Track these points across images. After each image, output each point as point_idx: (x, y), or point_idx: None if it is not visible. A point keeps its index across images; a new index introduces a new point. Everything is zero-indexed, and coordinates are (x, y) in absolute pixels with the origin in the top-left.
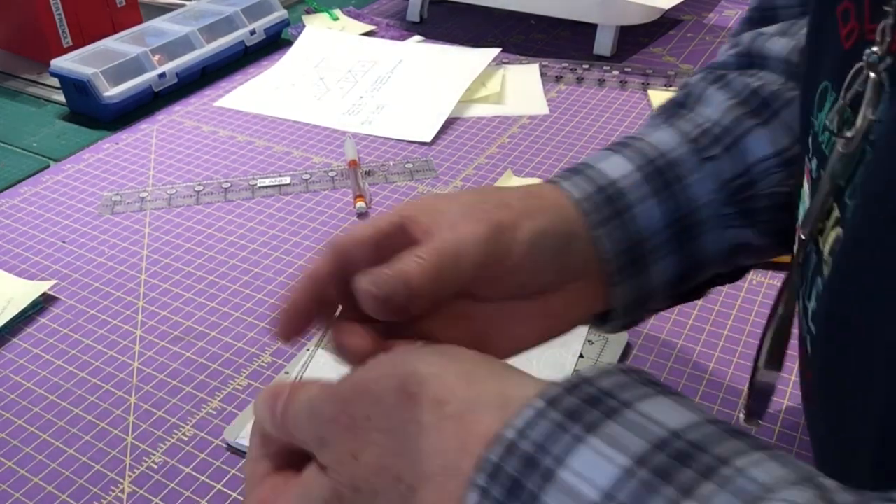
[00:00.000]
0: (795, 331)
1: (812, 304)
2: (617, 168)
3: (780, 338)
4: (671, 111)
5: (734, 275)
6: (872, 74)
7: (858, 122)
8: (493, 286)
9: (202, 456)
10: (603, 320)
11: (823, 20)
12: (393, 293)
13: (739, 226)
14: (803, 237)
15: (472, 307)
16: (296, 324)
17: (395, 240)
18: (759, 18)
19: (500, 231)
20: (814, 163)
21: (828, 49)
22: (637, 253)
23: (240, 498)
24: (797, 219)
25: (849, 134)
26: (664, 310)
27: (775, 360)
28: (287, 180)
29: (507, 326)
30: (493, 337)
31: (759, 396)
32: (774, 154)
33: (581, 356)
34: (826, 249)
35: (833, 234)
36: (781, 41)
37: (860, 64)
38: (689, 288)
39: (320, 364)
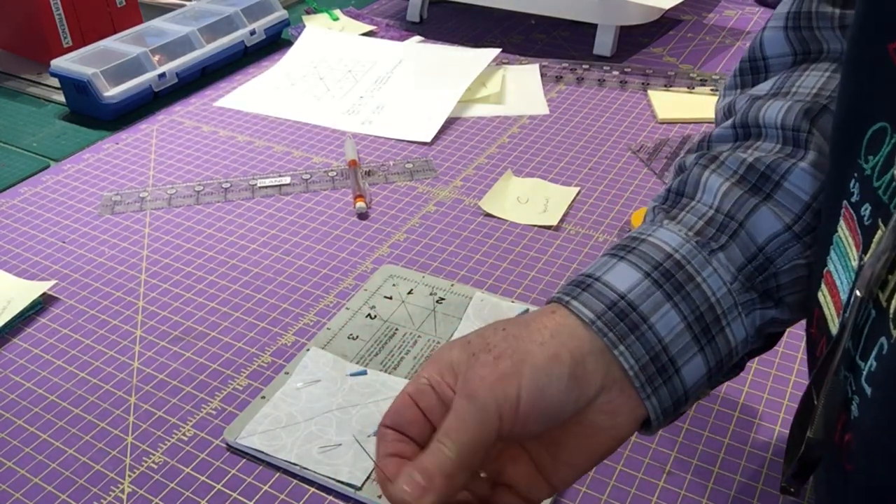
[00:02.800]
0: (796, 336)
1: (870, 364)
2: (624, 279)
3: (834, 402)
4: (672, 202)
5: (768, 345)
6: None
7: None
8: (523, 432)
9: (202, 456)
10: (647, 426)
11: (871, 60)
12: (435, 496)
13: (763, 307)
14: (860, 294)
15: (518, 446)
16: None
17: (428, 399)
18: (749, 69)
19: (504, 392)
20: (866, 209)
21: (882, 89)
22: (661, 362)
23: (240, 498)
24: (833, 272)
25: None
26: (705, 397)
27: (829, 427)
28: (287, 180)
29: (557, 453)
30: (549, 464)
31: (807, 465)
32: (785, 228)
33: None
34: (894, 306)
35: None
36: (776, 105)
37: None
38: (722, 375)
39: (320, 364)
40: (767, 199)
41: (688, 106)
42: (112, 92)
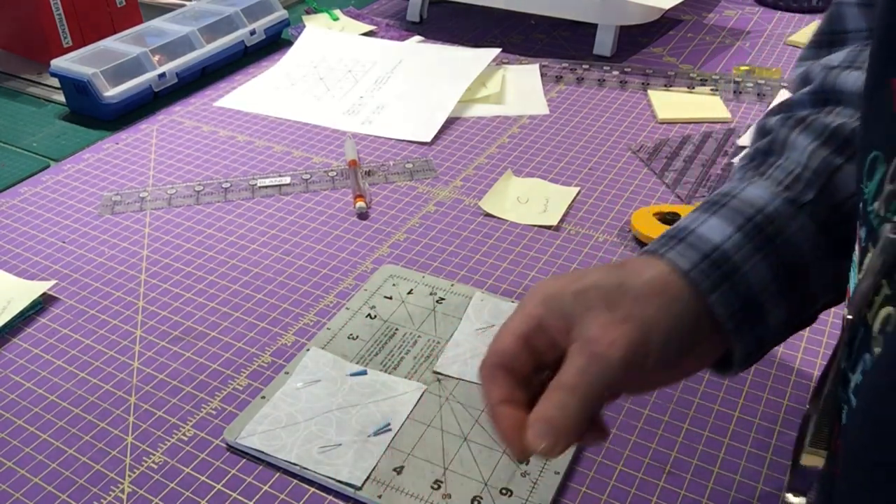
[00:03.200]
0: (795, 336)
1: (857, 377)
2: (717, 231)
3: (828, 418)
4: (759, 161)
5: (838, 299)
6: None
7: None
8: (636, 387)
9: (202, 456)
10: (723, 367)
11: (876, 89)
12: (562, 442)
13: (837, 257)
14: (850, 317)
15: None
16: (511, 419)
17: (539, 340)
18: (827, 42)
19: (634, 359)
20: (863, 231)
21: (881, 118)
22: (750, 310)
23: (240, 498)
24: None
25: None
26: (780, 343)
27: (823, 439)
28: (287, 180)
29: (647, 382)
30: (638, 390)
31: (805, 475)
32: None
33: None
34: (876, 327)
35: (884, 313)
36: (853, 75)
37: None
38: (801, 322)
39: (320, 364)
40: (849, 161)
41: (688, 106)
42: (112, 92)
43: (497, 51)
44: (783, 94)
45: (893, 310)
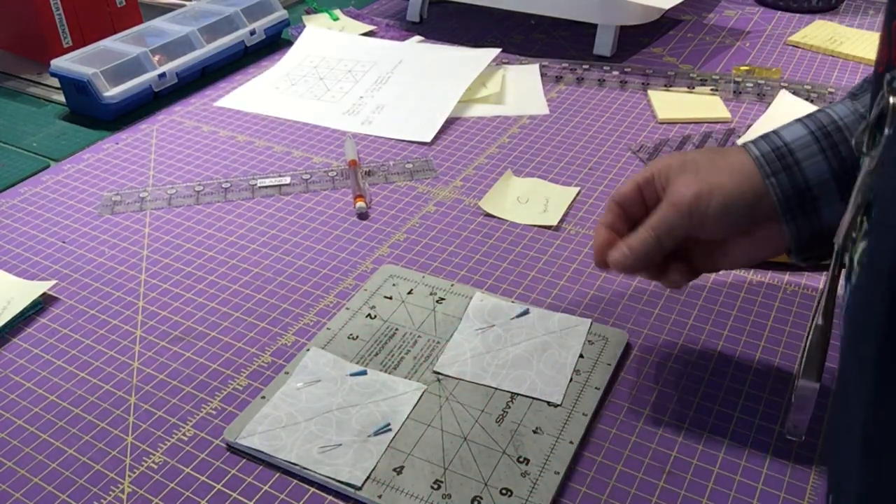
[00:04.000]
0: (796, 336)
1: (846, 305)
2: (793, 132)
3: (818, 348)
4: (864, 88)
5: None
6: (892, 98)
7: (883, 141)
8: (702, 234)
9: (202, 456)
10: (799, 254)
11: (884, 32)
12: (633, 264)
13: None
14: (836, 248)
15: (695, 243)
16: (603, 250)
17: (649, 189)
18: None
19: (697, 205)
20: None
21: (881, 63)
22: (806, 198)
23: (240, 498)
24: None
25: (874, 153)
26: None
27: (815, 370)
28: (287, 180)
29: (722, 253)
30: (716, 259)
31: (800, 408)
32: None
33: (581, 356)
34: (856, 258)
35: (862, 245)
36: None
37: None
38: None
39: (320, 364)
40: None
41: (688, 106)
42: (112, 92)
43: (497, 51)
44: (783, 94)
45: (867, 243)
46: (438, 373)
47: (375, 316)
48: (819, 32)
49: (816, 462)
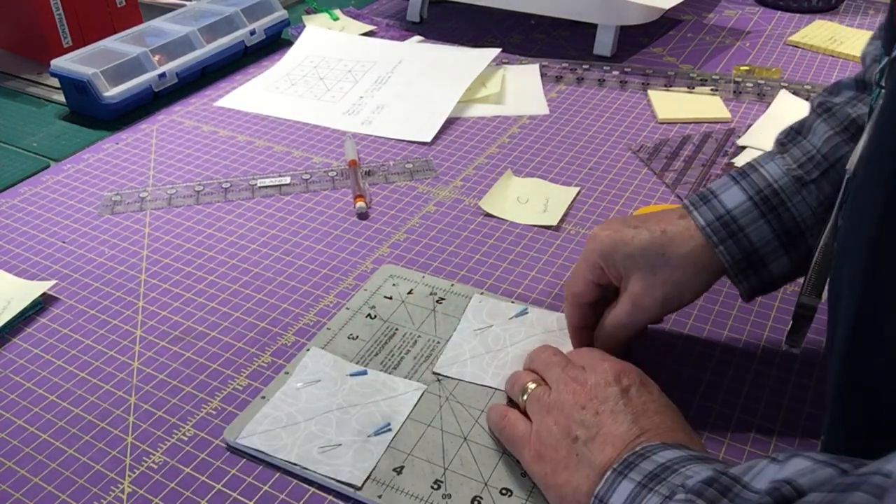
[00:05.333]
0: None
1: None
2: (733, 199)
3: (823, 267)
4: (790, 137)
5: None
6: None
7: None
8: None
9: (202, 456)
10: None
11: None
12: (611, 346)
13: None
14: (847, 175)
15: None
16: (586, 341)
17: (602, 277)
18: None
19: (668, 306)
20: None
21: (889, 25)
22: (753, 259)
23: (240, 498)
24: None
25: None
26: (791, 282)
27: (817, 286)
28: (287, 180)
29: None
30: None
31: (801, 321)
32: None
33: None
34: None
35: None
36: None
37: None
38: (807, 268)
39: (320, 364)
40: None
41: (688, 106)
42: (112, 92)
43: (497, 51)
44: (783, 94)
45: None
46: (438, 374)
47: (375, 316)
48: (819, 32)
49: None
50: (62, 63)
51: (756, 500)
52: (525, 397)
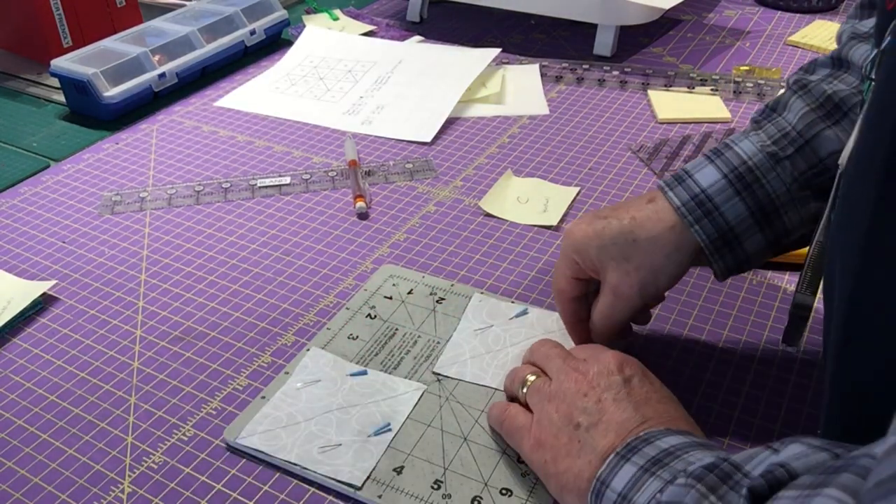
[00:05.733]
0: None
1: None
2: (708, 177)
3: (817, 264)
4: (765, 115)
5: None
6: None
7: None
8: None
9: (202, 456)
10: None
11: None
12: (604, 340)
13: (816, 200)
14: (840, 169)
15: None
16: (584, 334)
17: (581, 272)
18: (868, 3)
19: (645, 292)
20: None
21: (881, 14)
22: (728, 237)
23: (240, 498)
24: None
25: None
26: (771, 258)
27: (812, 284)
28: (287, 180)
29: (660, 295)
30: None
31: (797, 319)
32: (842, 147)
33: None
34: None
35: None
36: (864, 48)
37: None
38: (782, 246)
39: (320, 364)
40: (836, 124)
41: (688, 106)
42: (112, 92)
43: (497, 51)
44: None
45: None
46: (438, 374)
47: (375, 316)
48: (819, 32)
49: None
50: (62, 63)
51: (749, 482)
52: (525, 389)
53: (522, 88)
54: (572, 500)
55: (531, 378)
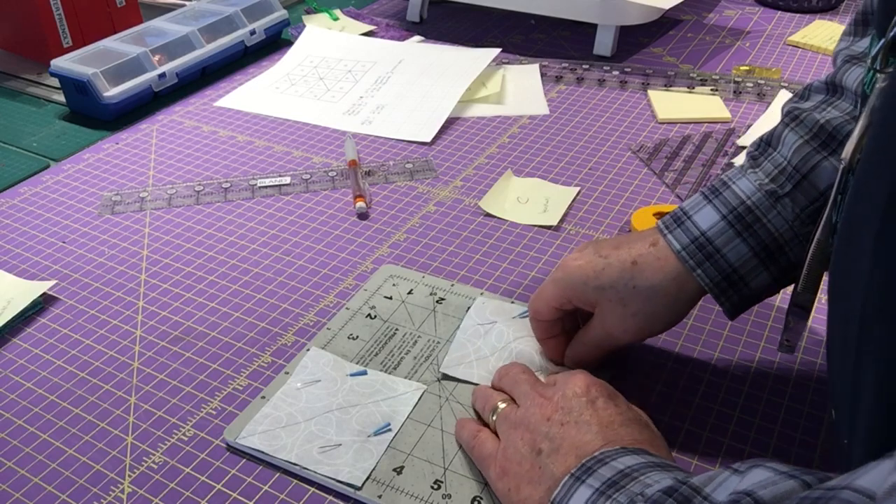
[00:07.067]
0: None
1: (840, 217)
2: (707, 219)
3: (817, 262)
4: (761, 150)
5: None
6: None
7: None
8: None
9: (202, 456)
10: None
11: None
12: (584, 362)
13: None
14: (843, 165)
15: None
16: (556, 348)
17: (564, 307)
18: (862, 21)
19: (644, 336)
20: (860, 105)
21: (883, 5)
22: (733, 279)
23: (240, 498)
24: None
25: (889, 69)
26: (773, 295)
27: (812, 283)
28: (287, 180)
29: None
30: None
31: (796, 319)
32: None
33: None
34: (856, 166)
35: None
36: (858, 71)
37: None
38: (791, 279)
39: (320, 364)
40: (832, 154)
41: (688, 106)
42: (112, 92)
43: (497, 51)
44: (783, 94)
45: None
46: (445, 374)
47: (375, 316)
48: (819, 32)
49: (816, 463)
50: (62, 63)
51: None
52: (494, 417)
53: (522, 88)
54: None
55: (501, 405)
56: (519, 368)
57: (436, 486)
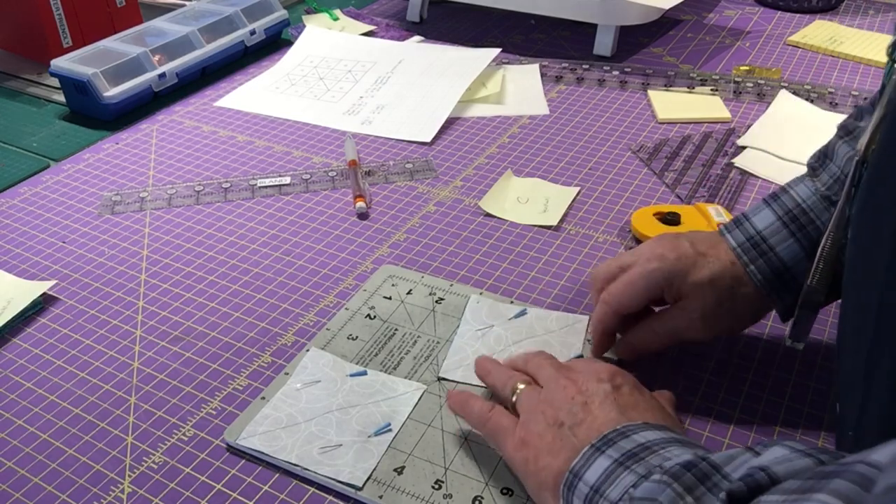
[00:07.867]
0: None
1: (854, 209)
2: (764, 220)
3: (831, 255)
4: (819, 161)
5: None
6: None
7: None
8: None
9: (202, 456)
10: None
11: None
12: (652, 346)
13: None
14: (856, 160)
15: None
16: (606, 344)
17: (658, 297)
18: None
19: (722, 332)
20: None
21: None
22: (785, 278)
23: (240, 498)
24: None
25: None
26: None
27: (825, 278)
28: (287, 180)
29: (710, 332)
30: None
31: (806, 312)
32: None
33: (580, 356)
34: (870, 158)
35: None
36: None
37: None
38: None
39: (320, 365)
40: None
41: (688, 106)
42: (112, 92)
43: (497, 51)
44: (783, 94)
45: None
46: (443, 378)
47: (375, 316)
48: (819, 32)
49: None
50: (62, 63)
51: (728, 486)
52: (515, 397)
53: (522, 88)
54: (548, 497)
55: (521, 386)
56: (544, 355)
57: (437, 486)
